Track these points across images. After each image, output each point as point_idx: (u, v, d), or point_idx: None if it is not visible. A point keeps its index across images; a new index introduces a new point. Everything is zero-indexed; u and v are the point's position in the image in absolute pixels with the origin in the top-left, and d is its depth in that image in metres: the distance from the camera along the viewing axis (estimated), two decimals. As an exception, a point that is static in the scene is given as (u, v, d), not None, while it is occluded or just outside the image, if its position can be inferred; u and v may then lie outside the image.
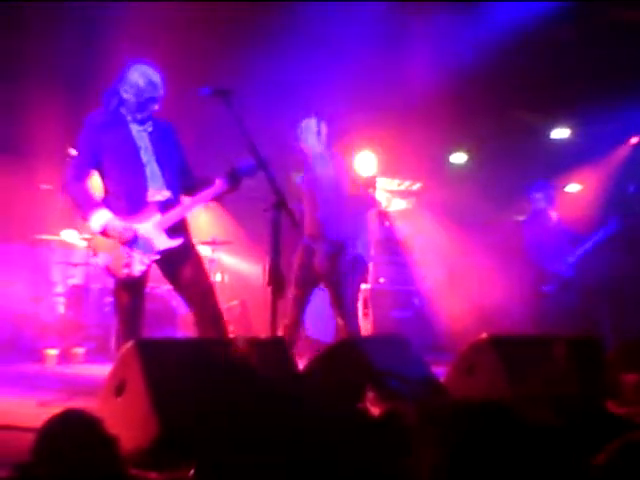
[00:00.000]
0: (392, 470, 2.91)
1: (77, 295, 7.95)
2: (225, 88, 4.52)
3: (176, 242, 4.64)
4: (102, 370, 6.40)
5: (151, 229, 4.58)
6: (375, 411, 3.50)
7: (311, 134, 6.26)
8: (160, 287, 7.94)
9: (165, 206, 4.63)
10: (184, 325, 7.84)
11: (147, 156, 4.64)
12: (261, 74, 7.75)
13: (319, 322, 7.89)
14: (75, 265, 8.07)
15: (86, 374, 6.41)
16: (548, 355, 3.45)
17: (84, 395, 4.62)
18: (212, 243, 8.21)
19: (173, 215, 4.65)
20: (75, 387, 5.31)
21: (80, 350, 7.37)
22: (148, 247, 4.57)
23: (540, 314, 7.53)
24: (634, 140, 9.01)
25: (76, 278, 8.15)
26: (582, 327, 7.01)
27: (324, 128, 6.34)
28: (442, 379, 4.43)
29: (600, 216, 8.59)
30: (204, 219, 9.16)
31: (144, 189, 4.59)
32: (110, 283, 7.89)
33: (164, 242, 4.60)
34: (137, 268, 4.54)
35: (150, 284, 7.73)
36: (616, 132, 8.99)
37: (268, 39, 7.93)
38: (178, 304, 7.95)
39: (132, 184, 4.59)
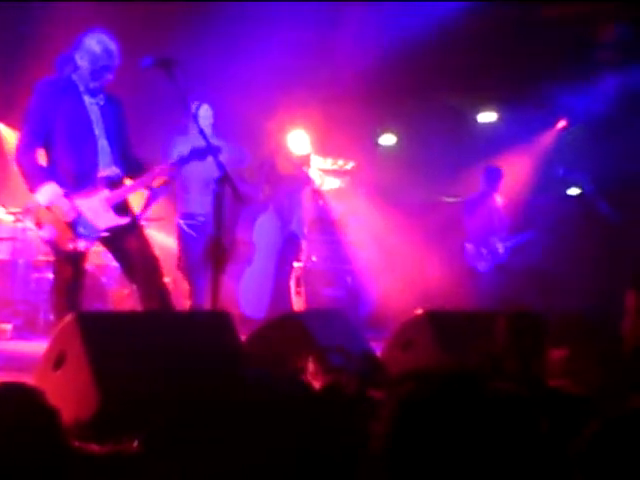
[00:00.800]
0: (333, 443, 2.95)
1: (3, 270, 7.75)
2: (167, 57, 4.46)
3: (124, 220, 4.57)
4: (30, 346, 6.30)
5: (98, 205, 4.50)
6: (316, 384, 3.54)
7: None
8: (90, 264, 7.79)
9: (113, 183, 4.57)
10: (114, 301, 7.73)
11: (98, 129, 4.56)
12: (196, 49, 7.66)
13: (253, 299, 7.90)
14: (0, 240, 7.85)
15: (14, 350, 6.26)
16: (486, 330, 3.54)
17: (15, 371, 4.52)
18: (145, 220, 8.09)
19: (121, 192, 4.59)
20: (5, 363, 5.19)
21: (7, 326, 7.20)
22: (94, 224, 4.49)
23: (474, 292, 7.73)
24: (561, 124, 9.25)
25: (1, 253, 7.93)
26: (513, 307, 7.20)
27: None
28: (378, 355, 4.50)
29: (528, 199, 8.83)
30: (137, 195, 9.00)
31: (94, 164, 4.52)
32: (36, 258, 7.79)
33: (111, 219, 4.53)
34: (82, 243, 4.47)
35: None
36: (543, 116, 9.21)
37: (205, 16, 7.85)
38: (108, 280, 7.83)
39: (82, 157, 4.50)
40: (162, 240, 8.66)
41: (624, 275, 6.00)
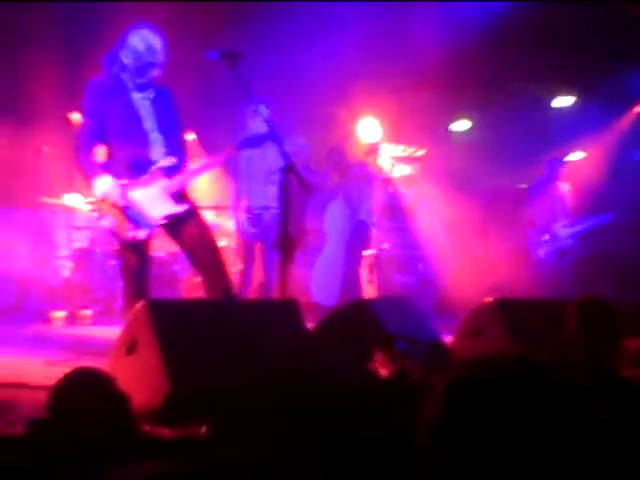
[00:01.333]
0: (400, 429, 2.95)
1: (82, 258, 7.97)
2: (233, 51, 4.49)
3: (182, 207, 4.68)
4: (109, 332, 6.47)
5: (157, 194, 4.61)
6: (384, 372, 3.54)
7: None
8: (161, 252, 7.95)
9: (171, 171, 4.67)
10: (186, 289, 7.87)
11: (150, 123, 4.68)
12: (268, 39, 7.71)
13: (324, 287, 7.93)
14: (79, 229, 8.07)
15: (93, 335, 6.45)
16: (556, 318, 3.48)
17: (92, 355, 4.65)
18: (215, 208, 8.21)
19: (179, 180, 4.68)
20: (83, 348, 5.35)
21: (87, 312, 7.41)
22: (152, 212, 4.61)
23: (536, 280, 7.62)
24: (638, 108, 8.99)
25: (80, 242, 8.16)
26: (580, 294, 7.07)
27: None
28: (447, 343, 4.47)
29: (605, 184, 8.62)
30: (206, 184, 9.13)
31: (147, 156, 4.65)
32: (113, 247, 7.98)
33: (170, 207, 4.63)
34: (142, 232, 4.59)
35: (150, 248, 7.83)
36: (620, 100, 8.97)
37: (275, 3, 7.88)
38: (180, 268, 7.97)
39: (136, 151, 4.64)
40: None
41: None
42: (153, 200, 4.61)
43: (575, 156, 9.53)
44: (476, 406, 1.31)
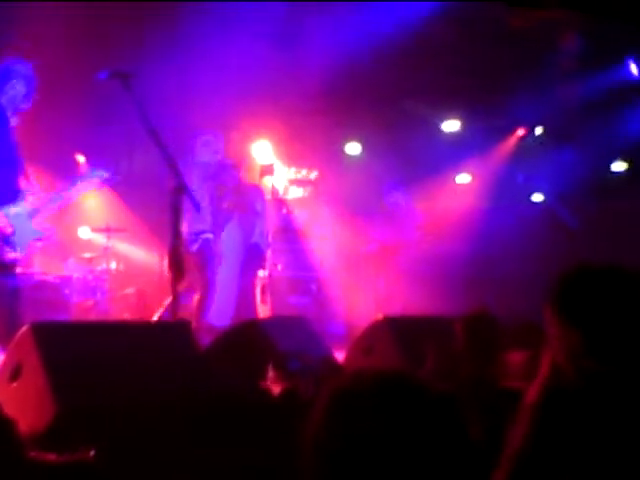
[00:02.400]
0: (290, 445, 2.96)
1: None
2: (124, 71, 4.46)
3: (48, 232, 4.73)
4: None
5: (24, 218, 4.68)
6: (276, 390, 3.56)
7: None
8: (51, 275, 7.74)
9: (35, 197, 4.78)
10: (77, 312, 7.67)
11: (18, 150, 4.79)
12: (158, 60, 7.66)
13: (218, 308, 7.88)
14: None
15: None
16: (446, 335, 3.57)
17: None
18: (107, 230, 8.06)
19: (44, 204, 4.75)
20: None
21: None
22: (23, 235, 4.63)
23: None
24: (521, 132, 9.37)
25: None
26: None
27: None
28: (340, 360, 4.53)
29: (489, 206, 8.94)
30: (97, 206, 8.97)
31: (19, 181, 4.75)
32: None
33: (32, 231, 4.73)
34: (19, 254, 4.61)
35: (41, 272, 7.61)
36: (503, 125, 9.34)
37: (167, 27, 7.86)
38: (70, 292, 7.78)
39: (13, 177, 4.72)
40: (126, 250, 8.64)
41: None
42: (23, 224, 4.65)
43: (461, 178, 9.84)
44: (352, 417, 1.35)
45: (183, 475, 3.10)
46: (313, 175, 9.30)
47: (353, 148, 10.18)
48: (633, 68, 8.64)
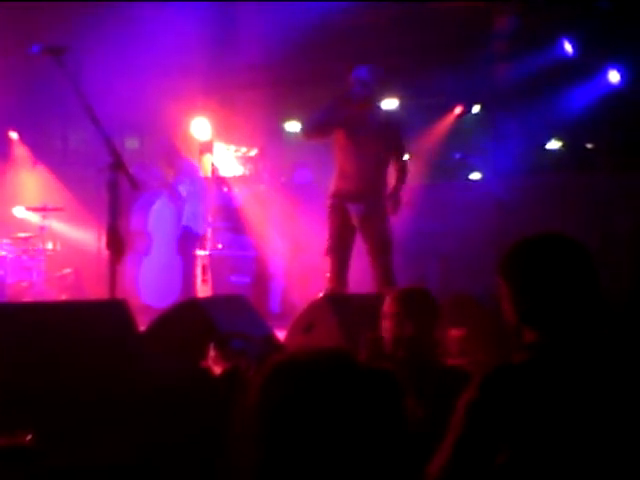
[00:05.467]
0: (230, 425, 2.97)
1: None
2: (58, 45, 4.35)
3: None
4: None
5: None
6: (217, 370, 3.55)
7: None
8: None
9: None
10: (13, 294, 7.53)
11: None
12: (96, 34, 7.51)
13: (153, 289, 7.82)
14: None
15: None
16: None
17: None
18: (42, 209, 7.90)
19: None
20: None
21: None
22: None
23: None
24: (458, 110, 9.46)
25: None
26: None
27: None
28: (281, 339, 4.53)
29: (428, 184, 9.03)
30: (33, 185, 8.79)
31: None
32: None
33: None
34: None
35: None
36: (441, 103, 9.42)
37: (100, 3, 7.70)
38: (5, 273, 7.62)
39: None
40: (62, 230, 8.50)
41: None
42: None
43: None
44: (288, 386, 1.36)
45: (121, 457, 3.08)
46: (253, 153, 9.26)
47: (293, 126, 10.16)
48: (567, 47, 8.79)
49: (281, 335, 4.67)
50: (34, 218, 8.09)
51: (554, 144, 9.85)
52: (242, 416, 1.39)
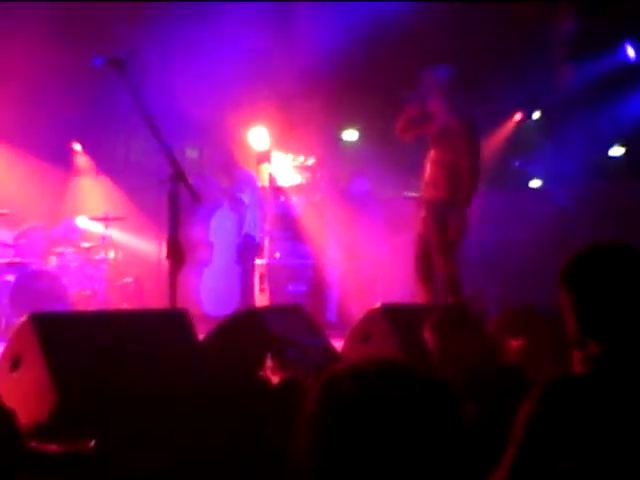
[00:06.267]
0: (289, 435, 2.98)
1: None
2: (119, 57, 4.44)
3: None
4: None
5: None
6: (274, 379, 3.56)
7: None
8: (50, 265, 7.75)
9: None
10: (76, 302, 7.69)
11: None
12: (156, 46, 7.66)
13: (214, 298, 7.90)
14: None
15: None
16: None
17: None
18: (104, 219, 8.06)
19: None
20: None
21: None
22: None
23: None
24: (518, 117, 9.36)
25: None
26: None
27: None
28: (337, 349, 4.54)
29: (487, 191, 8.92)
30: (95, 195, 8.97)
31: None
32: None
33: None
34: None
35: (39, 262, 7.61)
36: (500, 109, 9.32)
37: (166, 11, 7.84)
38: (69, 281, 7.79)
39: None
40: (124, 239, 8.65)
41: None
42: None
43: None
44: (347, 399, 1.36)
45: (182, 464, 3.12)
46: (310, 162, 9.30)
47: (350, 135, 10.18)
48: (630, 51, 8.62)
49: (337, 345, 4.67)
50: (96, 228, 8.26)
51: (617, 150, 9.66)
52: (301, 425, 1.39)
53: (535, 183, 9.35)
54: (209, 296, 7.96)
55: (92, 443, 2.94)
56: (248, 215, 7.76)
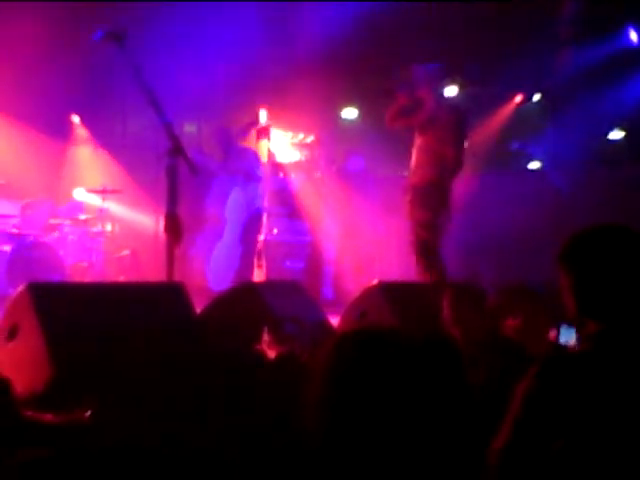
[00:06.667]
0: (286, 409, 2.99)
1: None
2: (119, 31, 4.41)
3: None
4: None
5: None
6: (271, 354, 3.58)
7: None
8: (47, 236, 7.75)
9: None
10: (72, 274, 7.69)
11: None
12: (158, 17, 7.61)
13: (220, 273, 7.92)
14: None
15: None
16: (434, 300, 3.60)
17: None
18: (102, 192, 8.05)
19: None
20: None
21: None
22: None
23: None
24: (518, 98, 9.33)
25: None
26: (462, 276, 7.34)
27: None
28: (334, 325, 4.55)
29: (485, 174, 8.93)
30: (93, 167, 8.94)
31: None
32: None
33: None
34: None
35: (36, 233, 7.61)
36: (501, 90, 9.29)
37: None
38: (66, 253, 7.79)
39: None
40: (121, 212, 8.64)
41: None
42: None
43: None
44: (361, 357, 1.40)
45: (179, 436, 3.13)
46: (309, 139, 9.27)
47: (350, 113, 10.14)
48: (633, 35, 8.59)
49: (334, 321, 4.69)
50: (94, 200, 8.25)
51: (617, 134, 9.65)
52: (308, 389, 1.43)
53: (534, 165, 9.34)
54: (215, 270, 8.00)
55: (88, 413, 2.95)
56: (258, 189, 7.84)
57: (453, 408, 1.39)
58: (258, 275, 8.03)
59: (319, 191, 9.00)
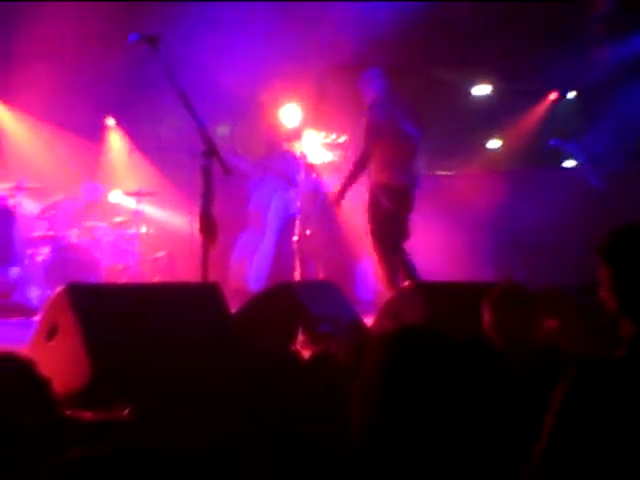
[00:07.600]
0: (324, 407, 3.00)
1: None
2: (153, 34, 4.46)
3: None
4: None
5: None
6: (306, 354, 3.59)
7: None
8: (84, 239, 7.83)
9: None
10: (108, 276, 7.77)
11: None
12: (187, 24, 7.66)
13: (258, 273, 7.97)
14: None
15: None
16: (474, 302, 3.56)
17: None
18: (137, 194, 8.12)
19: None
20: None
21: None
22: None
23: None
24: (553, 96, 9.26)
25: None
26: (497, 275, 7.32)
27: None
28: (368, 325, 4.54)
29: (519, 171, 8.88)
30: (128, 170, 9.03)
31: None
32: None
33: None
34: None
35: (72, 235, 7.70)
36: (536, 88, 9.22)
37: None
38: (101, 256, 7.87)
39: None
40: (156, 214, 8.71)
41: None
42: None
43: (493, 144, 9.76)
44: (415, 354, 1.42)
45: (215, 435, 3.15)
46: (342, 139, 9.26)
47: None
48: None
49: (368, 322, 4.68)
50: (129, 202, 8.32)
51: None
52: (356, 388, 1.48)
53: (569, 163, 9.25)
54: (256, 271, 8.06)
55: (126, 411, 2.98)
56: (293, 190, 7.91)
57: (494, 407, 1.40)
58: (293, 276, 8.05)
59: (352, 191, 8.99)
